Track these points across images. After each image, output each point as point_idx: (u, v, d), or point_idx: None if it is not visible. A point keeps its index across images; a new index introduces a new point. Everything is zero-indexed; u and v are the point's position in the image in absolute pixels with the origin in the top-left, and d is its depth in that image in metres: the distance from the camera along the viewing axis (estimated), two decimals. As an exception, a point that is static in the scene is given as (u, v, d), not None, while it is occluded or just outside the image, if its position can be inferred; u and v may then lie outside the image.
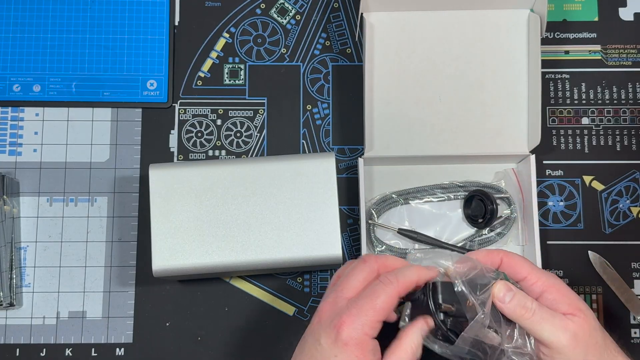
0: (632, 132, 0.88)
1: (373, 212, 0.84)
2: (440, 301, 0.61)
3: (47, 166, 0.86)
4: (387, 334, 0.62)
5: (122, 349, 0.83)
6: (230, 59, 0.89)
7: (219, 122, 0.88)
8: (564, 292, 0.62)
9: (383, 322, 0.61)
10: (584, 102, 0.89)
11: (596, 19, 0.91)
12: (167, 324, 0.84)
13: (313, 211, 0.76)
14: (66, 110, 0.88)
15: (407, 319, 0.64)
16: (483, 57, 0.85)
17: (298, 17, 0.90)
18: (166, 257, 0.75)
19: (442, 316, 0.62)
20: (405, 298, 0.64)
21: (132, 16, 0.90)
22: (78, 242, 0.85)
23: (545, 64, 0.88)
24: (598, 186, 0.87)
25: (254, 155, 0.87)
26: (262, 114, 0.88)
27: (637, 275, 0.85)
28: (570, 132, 0.88)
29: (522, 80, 0.85)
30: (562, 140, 0.88)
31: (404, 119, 0.84)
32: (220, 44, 0.90)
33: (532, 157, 0.83)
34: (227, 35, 0.90)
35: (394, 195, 0.85)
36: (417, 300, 0.63)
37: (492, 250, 0.65)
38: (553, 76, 0.89)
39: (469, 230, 0.85)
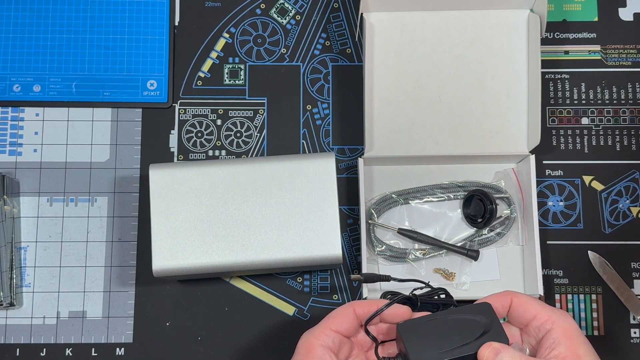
0: (632, 132, 0.88)
1: (373, 212, 0.84)
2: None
3: (47, 166, 0.87)
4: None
5: (122, 349, 0.83)
6: (230, 59, 0.89)
7: (219, 122, 0.88)
8: (570, 333, 0.61)
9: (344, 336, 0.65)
10: (583, 102, 0.89)
11: (596, 19, 0.91)
12: (167, 324, 0.84)
13: (313, 211, 0.76)
14: (66, 110, 0.88)
15: None
16: (483, 57, 0.85)
17: (298, 17, 0.90)
18: (166, 257, 0.75)
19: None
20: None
21: (132, 16, 0.90)
22: (78, 242, 0.85)
23: (545, 64, 0.88)
24: (598, 186, 0.87)
25: (254, 155, 0.87)
26: (262, 114, 0.88)
27: (637, 275, 0.85)
28: (570, 132, 0.88)
29: (522, 80, 0.85)
30: (562, 140, 0.88)
31: (404, 119, 0.84)
32: (220, 44, 0.90)
33: (532, 157, 0.83)
34: (227, 35, 0.90)
35: (394, 195, 0.85)
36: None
37: (500, 294, 0.65)
38: (553, 76, 0.90)
39: (469, 230, 0.85)
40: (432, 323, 0.63)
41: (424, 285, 0.72)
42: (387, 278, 0.75)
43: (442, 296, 0.71)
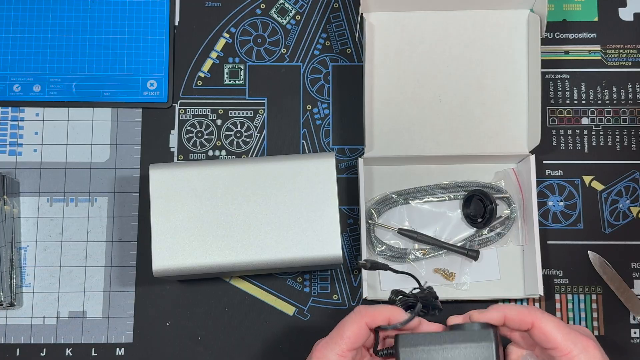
0: (632, 132, 0.88)
1: (373, 212, 0.84)
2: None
3: (47, 166, 0.87)
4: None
5: (122, 349, 0.83)
6: (230, 59, 0.89)
7: (219, 122, 0.88)
8: None
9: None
10: (583, 102, 0.89)
11: (596, 19, 0.91)
12: (167, 324, 0.84)
13: (313, 211, 0.76)
14: (66, 110, 0.88)
15: None
16: (483, 57, 0.85)
17: (298, 17, 0.90)
18: (166, 257, 0.75)
19: None
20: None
21: (132, 16, 0.90)
22: (78, 242, 0.85)
23: (545, 64, 0.88)
24: (598, 186, 0.87)
25: (254, 155, 0.87)
26: (262, 114, 0.88)
27: (637, 275, 0.85)
28: (570, 132, 0.88)
29: (522, 80, 0.85)
30: (562, 140, 0.88)
31: (404, 119, 0.84)
32: (220, 44, 0.90)
33: (532, 157, 0.83)
34: (227, 35, 0.90)
35: (394, 195, 0.85)
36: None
37: (524, 311, 0.62)
38: (553, 76, 0.90)
39: (469, 230, 0.85)
40: (432, 353, 0.62)
41: (415, 280, 0.72)
42: (386, 267, 0.75)
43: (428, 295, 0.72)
